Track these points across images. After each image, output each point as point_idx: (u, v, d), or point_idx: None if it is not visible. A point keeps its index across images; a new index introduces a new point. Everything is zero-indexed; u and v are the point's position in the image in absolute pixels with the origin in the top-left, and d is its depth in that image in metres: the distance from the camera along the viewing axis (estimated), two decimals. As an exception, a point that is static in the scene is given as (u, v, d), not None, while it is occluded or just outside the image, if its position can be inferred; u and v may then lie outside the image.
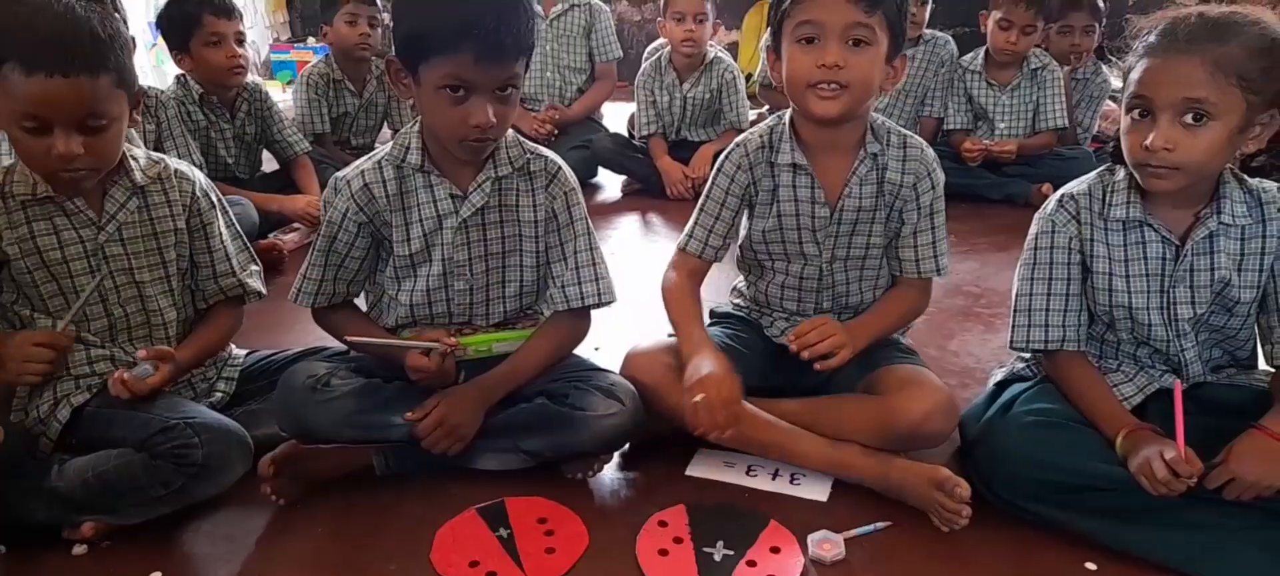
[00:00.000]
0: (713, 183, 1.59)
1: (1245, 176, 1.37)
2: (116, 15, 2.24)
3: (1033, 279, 1.44)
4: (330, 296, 1.50)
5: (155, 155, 1.51)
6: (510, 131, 1.46)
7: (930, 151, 1.55)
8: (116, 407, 1.35)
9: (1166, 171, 1.27)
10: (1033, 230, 1.46)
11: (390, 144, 1.48)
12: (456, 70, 1.30)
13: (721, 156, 1.59)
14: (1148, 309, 1.38)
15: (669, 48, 3.37)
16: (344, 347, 1.54)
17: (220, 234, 1.55)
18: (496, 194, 1.46)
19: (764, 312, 1.67)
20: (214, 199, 1.55)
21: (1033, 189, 3.01)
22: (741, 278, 1.72)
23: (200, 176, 1.54)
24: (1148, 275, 1.38)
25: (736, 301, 1.73)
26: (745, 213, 1.61)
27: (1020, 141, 3.15)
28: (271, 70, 5.90)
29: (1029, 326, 1.43)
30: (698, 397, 1.35)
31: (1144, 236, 1.37)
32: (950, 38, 3.38)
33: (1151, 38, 1.28)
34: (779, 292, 1.63)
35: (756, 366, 1.57)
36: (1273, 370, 1.40)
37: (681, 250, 1.62)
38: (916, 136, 1.56)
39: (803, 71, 1.42)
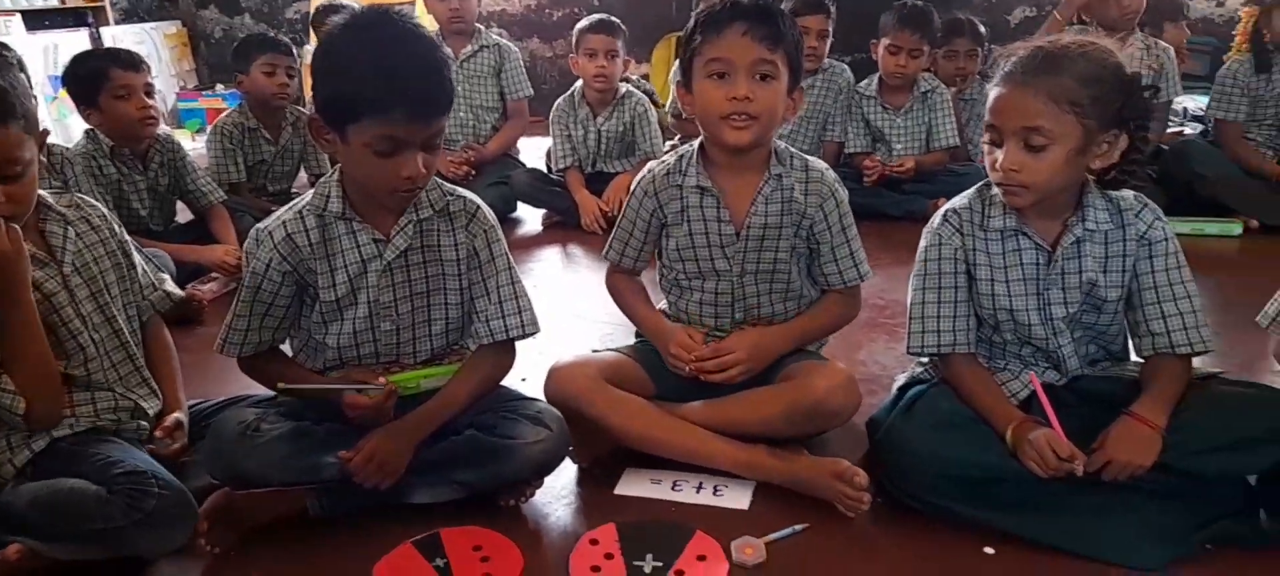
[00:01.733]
0: (626, 205, 1.72)
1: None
2: (16, 69, 2.23)
3: (924, 289, 1.56)
4: (257, 344, 1.52)
5: (59, 195, 1.54)
6: None
7: (831, 173, 1.68)
8: (85, 447, 1.38)
9: (1018, 189, 1.41)
10: (922, 244, 1.58)
11: (310, 193, 1.52)
12: (389, 130, 1.34)
13: (634, 181, 1.71)
14: (1027, 310, 1.51)
15: (580, 83, 3.46)
16: (272, 393, 1.56)
17: (130, 247, 1.61)
18: (419, 236, 1.51)
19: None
20: (109, 214, 1.60)
21: (929, 204, 3.19)
22: (664, 299, 1.81)
23: (93, 199, 1.59)
24: (1025, 279, 1.51)
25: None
26: (661, 231, 1.72)
27: (916, 159, 3.34)
28: (179, 119, 5.79)
29: (923, 332, 1.55)
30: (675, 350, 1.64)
31: (1019, 244, 1.51)
32: (846, 66, 3.56)
33: (1002, 68, 1.43)
34: (698, 309, 1.72)
35: (674, 378, 1.67)
36: (1142, 361, 1.54)
37: (609, 260, 1.77)
38: (817, 160, 1.68)
39: (715, 104, 1.54)
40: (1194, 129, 3.75)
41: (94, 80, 2.55)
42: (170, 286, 1.69)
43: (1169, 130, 3.76)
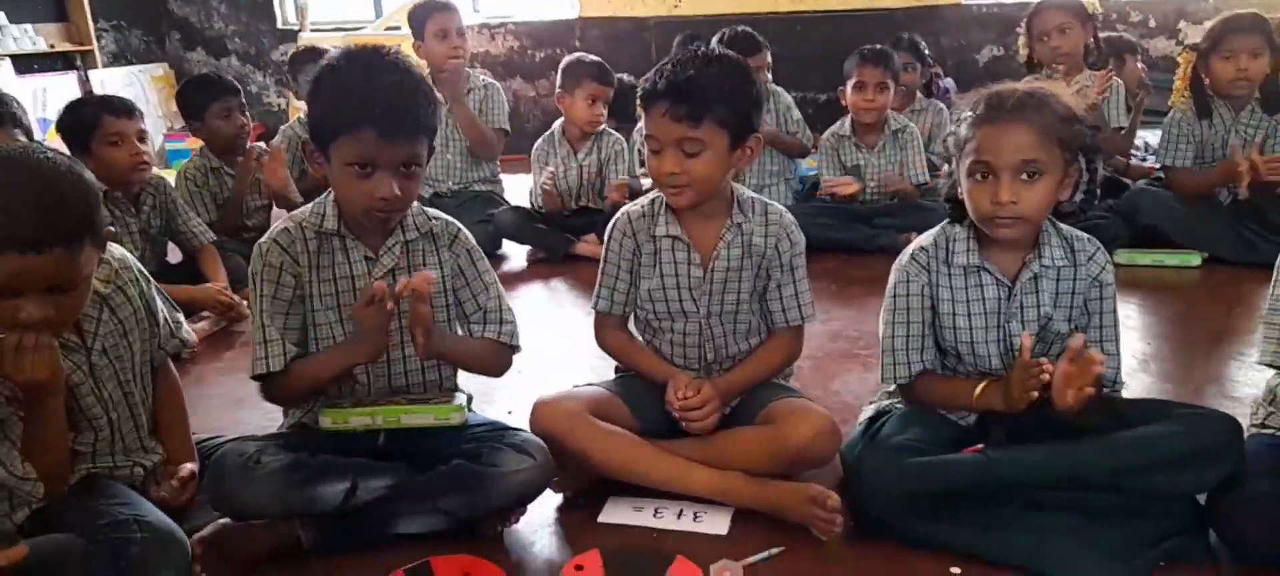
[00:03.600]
0: (606, 249, 1.78)
1: (1060, 224, 1.61)
2: (20, 124, 2.27)
3: (893, 323, 1.64)
4: (289, 354, 1.53)
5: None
6: (416, 202, 1.60)
7: (789, 217, 1.76)
8: (73, 500, 1.40)
9: (1012, 221, 1.50)
10: (891, 281, 1.67)
11: (307, 208, 1.60)
12: (360, 148, 1.45)
13: (610, 224, 1.79)
14: (986, 342, 1.60)
15: (560, 122, 3.56)
16: (269, 431, 1.61)
17: (155, 299, 1.61)
18: (405, 255, 1.60)
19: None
20: (140, 268, 1.60)
21: (901, 237, 3.28)
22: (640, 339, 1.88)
23: (127, 254, 1.58)
24: (986, 313, 1.60)
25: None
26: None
27: (882, 178, 3.48)
28: (167, 159, 5.84)
29: (895, 365, 1.64)
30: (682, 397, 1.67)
31: (981, 279, 1.60)
32: (781, 90, 3.79)
33: (980, 110, 1.51)
34: (670, 349, 1.80)
35: (656, 414, 1.74)
36: None
37: (598, 311, 1.81)
38: (776, 204, 1.78)
39: (653, 173, 1.67)
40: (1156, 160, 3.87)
41: (87, 127, 2.60)
42: (185, 331, 1.67)
43: (1134, 162, 3.90)
